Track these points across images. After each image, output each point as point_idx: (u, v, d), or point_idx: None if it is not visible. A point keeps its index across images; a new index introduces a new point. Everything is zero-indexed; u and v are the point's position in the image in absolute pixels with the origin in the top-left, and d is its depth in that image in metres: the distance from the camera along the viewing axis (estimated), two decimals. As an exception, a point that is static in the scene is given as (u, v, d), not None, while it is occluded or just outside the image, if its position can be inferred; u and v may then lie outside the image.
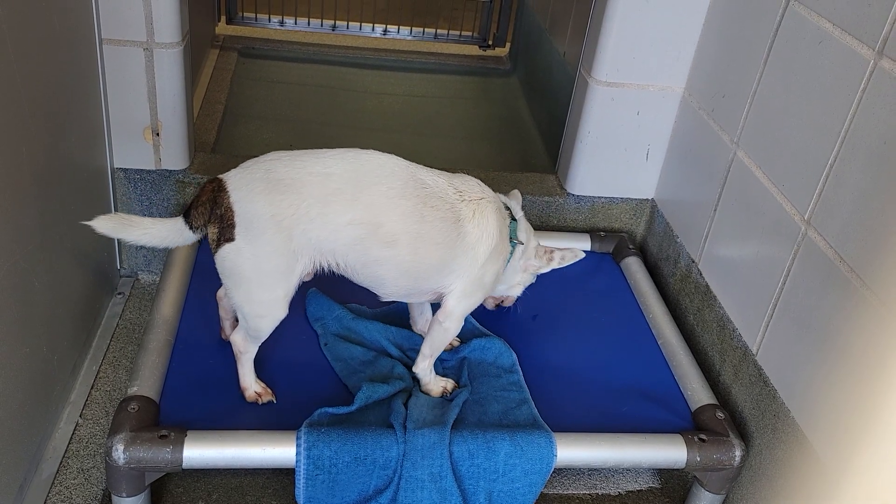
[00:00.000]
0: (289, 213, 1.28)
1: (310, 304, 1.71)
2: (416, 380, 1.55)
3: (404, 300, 1.56)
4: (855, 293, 1.25)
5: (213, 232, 1.31)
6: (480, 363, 1.62)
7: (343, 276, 1.40)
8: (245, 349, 1.44)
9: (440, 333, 1.47)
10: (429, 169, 1.39)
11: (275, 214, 1.27)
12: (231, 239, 1.29)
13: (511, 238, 1.47)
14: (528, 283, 1.61)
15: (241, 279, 1.32)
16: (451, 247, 1.36)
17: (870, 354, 1.20)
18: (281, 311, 1.37)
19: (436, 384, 1.53)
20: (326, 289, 1.73)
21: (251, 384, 1.47)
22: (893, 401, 1.14)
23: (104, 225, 1.33)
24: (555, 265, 1.56)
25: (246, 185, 1.29)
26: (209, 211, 1.30)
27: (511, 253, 1.48)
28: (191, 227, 1.33)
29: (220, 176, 1.32)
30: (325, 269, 1.37)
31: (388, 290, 1.42)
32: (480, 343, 1.65)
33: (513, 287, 1.59)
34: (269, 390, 1.48)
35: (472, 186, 1.42)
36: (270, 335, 1.41)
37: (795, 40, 1.49)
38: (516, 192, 1.59)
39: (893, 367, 1.15)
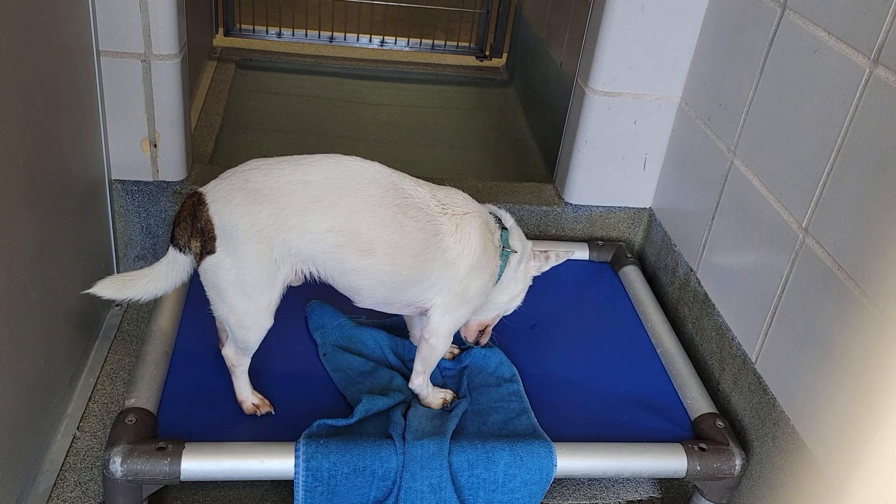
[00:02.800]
0: (268, 223, 1.27)
1: (311, 314, 1.70)
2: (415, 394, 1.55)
3: (382, 309, 1.51)
4: (853, 300, 1.25)
5: (195, 246, 1.30)
6: (480, 373, 1.62)
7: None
8: (237, 362, 1.43)
9: (427, 350, 1.45)
10: (413, 179, 1.37)
11: (254, 225, 1.27)
12: (212, 251, 1.29)
13: (504, 247, 1.45)
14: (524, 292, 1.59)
15: (223, 291, 1.31)
16: (430, 260, 1.34)
17: (869, 361, 1.20)
18: (266, 321, 1.36)
19: (434, 397, 1.53)
20: (328, 300, 1.72)
21: (248, 396, 1.46)
22: (893, 408, 1.14)
23: (106, 289, 1.34)
24: (552, 262, 1.54)
25: (224, 197, 1.28)
26: (191, 225, 1.29)
27: (504, 265, 1.46)
28: (179, 248, 1.32)
29: (199, 189, 1.31)
30: (308, 277, 1.36)
31: (365, 300, 1.40)
32: (481, 353, 1.64)
33: (515, 298, 1.55)
34: (266, 402, 1.47)
35: (456, 200, 1.39)
36: (269, 346, 1.41)
37: (791, 49, 1.50)
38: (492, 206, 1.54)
39: (892, 374, 1.14)
